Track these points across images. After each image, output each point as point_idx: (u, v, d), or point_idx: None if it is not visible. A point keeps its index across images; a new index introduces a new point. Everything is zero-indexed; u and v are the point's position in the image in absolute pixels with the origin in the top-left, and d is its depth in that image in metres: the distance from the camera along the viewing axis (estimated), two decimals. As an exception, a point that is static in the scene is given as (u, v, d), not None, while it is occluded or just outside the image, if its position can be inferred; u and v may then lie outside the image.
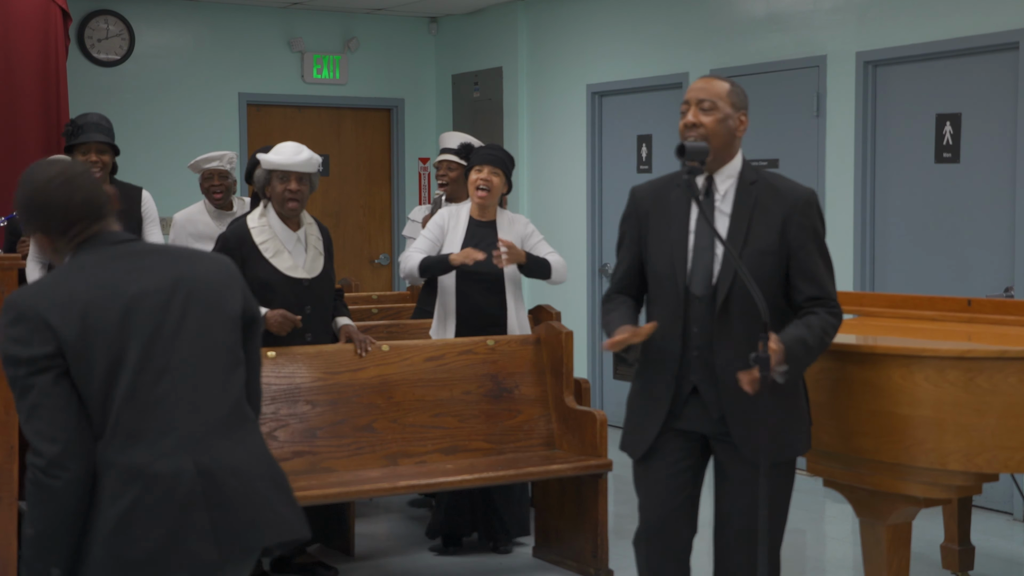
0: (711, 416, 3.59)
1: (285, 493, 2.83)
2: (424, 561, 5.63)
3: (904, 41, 6.86)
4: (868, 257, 7.11)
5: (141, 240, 2.91)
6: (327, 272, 5.27)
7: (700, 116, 3.58)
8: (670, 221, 3.63)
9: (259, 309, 2.92)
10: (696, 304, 3.57)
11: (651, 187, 3.75)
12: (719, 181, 3.62)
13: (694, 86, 3.66)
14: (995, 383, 3.80)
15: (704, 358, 3.57)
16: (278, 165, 5.07)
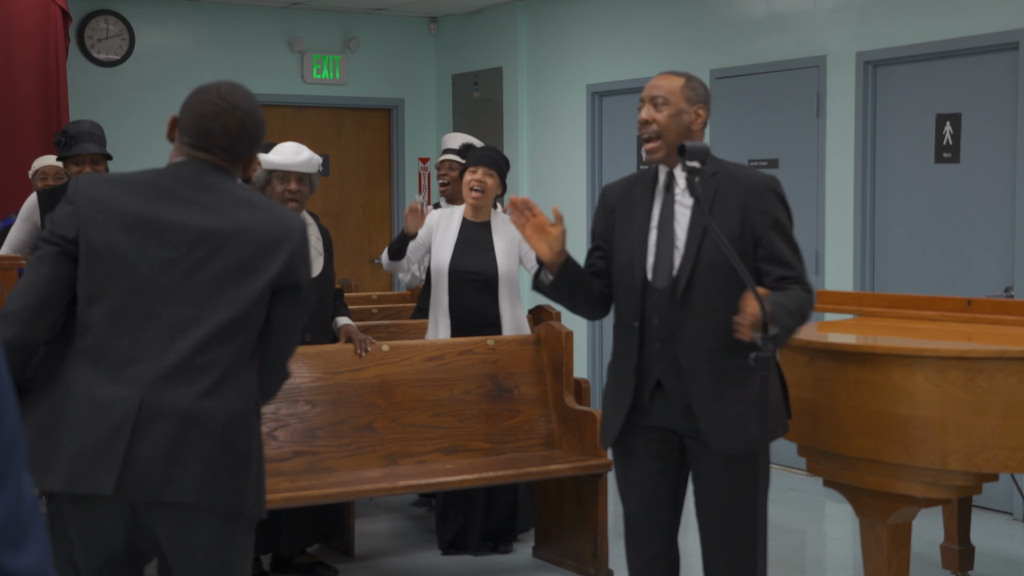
0: (675, 409, 3.58)
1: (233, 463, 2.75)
2: (424, 561, 5.63)
3: (904, 41, 6.86)
4: (868, 257, 7.11)
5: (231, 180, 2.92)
6: (327, 272, 5.28)
7: (653, 112, 3.62)
8: (632, 215, 3.66)
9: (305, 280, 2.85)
10: (656, 296, 3.57)
11: (620, 184, 3.80)
12: (678, 176, 3.63)
13: (649, 83, 3.70)
14: (995, 383, 3.80)
15: (667, 350, 3.56)
16: (278, 165, 5.07)
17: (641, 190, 3.69)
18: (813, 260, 7.38)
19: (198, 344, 2.73)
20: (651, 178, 3.68)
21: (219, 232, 2.78)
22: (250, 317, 2.78)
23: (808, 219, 7.43)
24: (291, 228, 2.83)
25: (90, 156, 5.74)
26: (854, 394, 3.98)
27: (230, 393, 2.75)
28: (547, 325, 5.67)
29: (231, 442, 2.74)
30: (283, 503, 4.70)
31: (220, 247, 2.78)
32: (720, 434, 3.51)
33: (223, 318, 2.75)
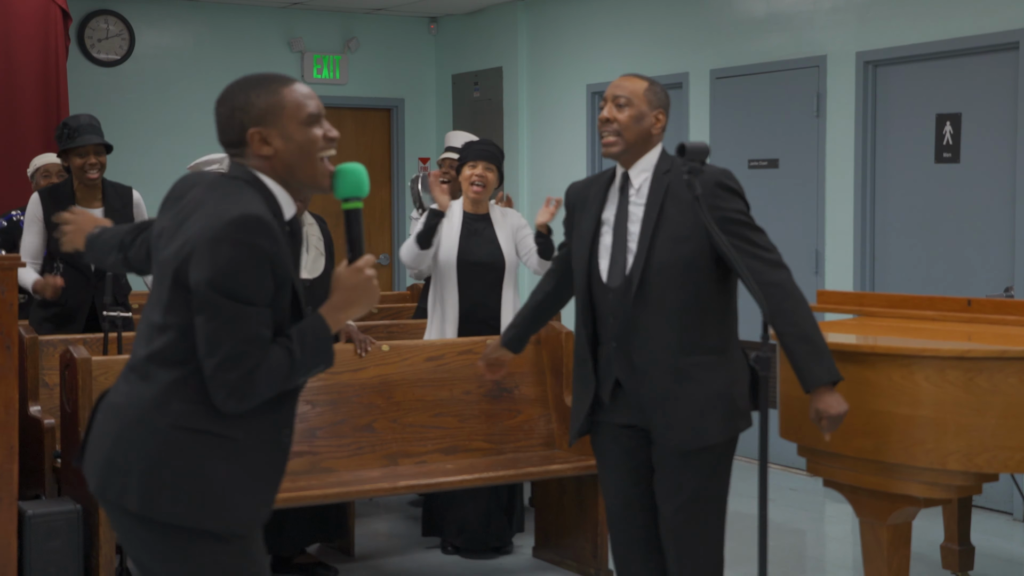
0: (636, 406, 3.64)
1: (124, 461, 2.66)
2: (424, 561, 5.63)
3: (904, 41, 6.86)
4: (868, 257, 7.11)
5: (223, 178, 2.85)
6: (328, 272, 5.27)
7: (615, 112, 3.67)
8: (589, 215, 3.74)
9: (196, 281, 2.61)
10: (611, 296, 3.63)
11: (581, 183, 3.90)
12: (634, 176, 3.70)
13: (613, 83, 3.74)
14: (995, 383, 3.80)
15: (622, 349, 3.62)
16: None
17: (596, 190, 3.77)
18: (813, 260, 7.38)
19: (136, 343, 2.76)
20: (607, 178, 3.78)
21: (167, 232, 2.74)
22: (166, 321, 2.66)
23: (808, 219, 7.43)
24: (207, 225, 2.62)
25: (93, 147, 5.78)
26: (854, 394, 3.97)
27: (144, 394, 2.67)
28: (547, 325, 5.67)
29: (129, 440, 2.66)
30: (283, 503, 4.69)
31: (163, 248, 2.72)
32: (673, 430, 3.58)
33: (147, 320, 2.74)
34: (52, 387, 5.25)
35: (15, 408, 4.10)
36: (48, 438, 4.95)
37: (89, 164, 5.77)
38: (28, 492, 4.95)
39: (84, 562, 4.48)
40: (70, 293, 5.76)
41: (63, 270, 5.80)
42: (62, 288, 5.65)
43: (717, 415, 3.60)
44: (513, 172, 9.68)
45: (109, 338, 5.23)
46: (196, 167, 6.44)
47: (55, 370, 5.20)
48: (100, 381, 4.75)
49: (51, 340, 5.39)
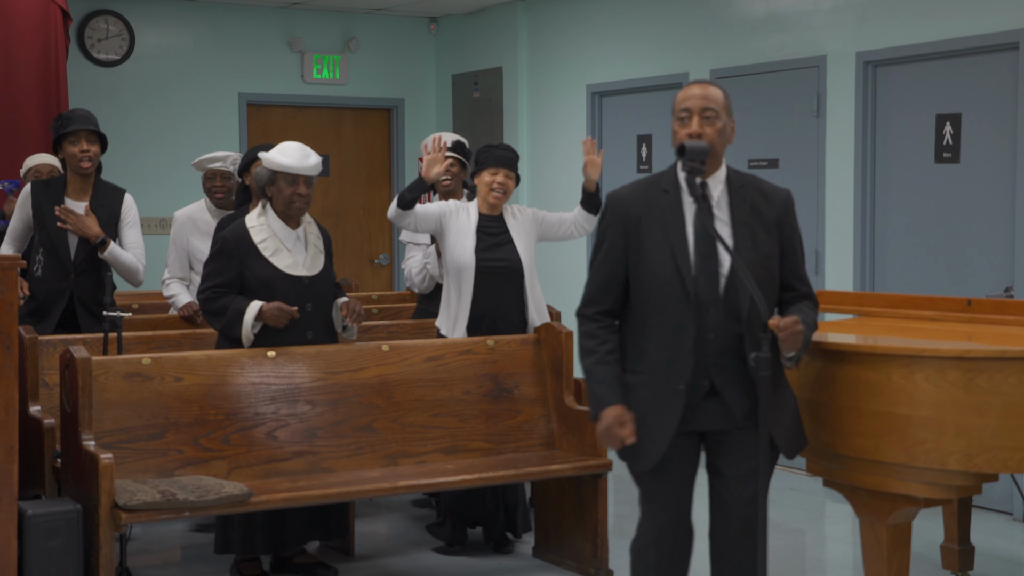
0: (733, 416, 3.64)
1: None
2: (424, 561, 5.63)
3: (904, 41, 6.86)
4: (868, 257, 7.11)
5: None
6: (327, 270, 5.27)
7: (703, 125, 3.60)
8: (667, 226, 3.62)
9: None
10: (710, 309, 3.58)
11: (634, 192, 3.71)
12: (712, 186, 3.65)
13: (692, 92, 3.64)
14: (995, 383, 3.80)
15: (726, 361, 3.60)
16: (288, 168, 5.05)
17: (668, 200, 3.65)
18: (813, 260, 7.38)
19: None
20: (673, 186, 3.64)
21: None
22: None
23: (808, 219, 7.43)
24: None
25: (86, 134, 5.81)
26: (854, 394, 3.97)
27: None
28: (547, 325, 5.67)
29: None
30: (283, 503, 4.70)
31: None
32: (783, 437, 3.67)
33: None
34: (52, 387, 5.25)
35: (15, 408, 4.09)
36: (48, 438, 4.95)
37: (82, 151, 5.80)
38: (28, 492, 4.95)
39: (84, 562, 4.48)
40: (48, 285, 5.82)
41: (44, 262, 5.83)
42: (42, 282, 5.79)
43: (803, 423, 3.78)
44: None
45: (109, 338, 5.24)
46: (200, 164, 6.45)
47: (55, 370, 5.20)
48: (100, 381, 4.76)
49: (51, 340, 5.39)
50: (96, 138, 5.84)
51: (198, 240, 6.26)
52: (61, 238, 5.80)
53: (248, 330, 5.03)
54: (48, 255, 5.83)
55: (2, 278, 4.03)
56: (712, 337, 3.59)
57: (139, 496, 4.39)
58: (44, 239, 5.85)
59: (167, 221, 9.06)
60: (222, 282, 5.06)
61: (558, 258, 9.20)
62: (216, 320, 5.11)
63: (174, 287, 6.32)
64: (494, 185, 5.61)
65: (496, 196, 5.62)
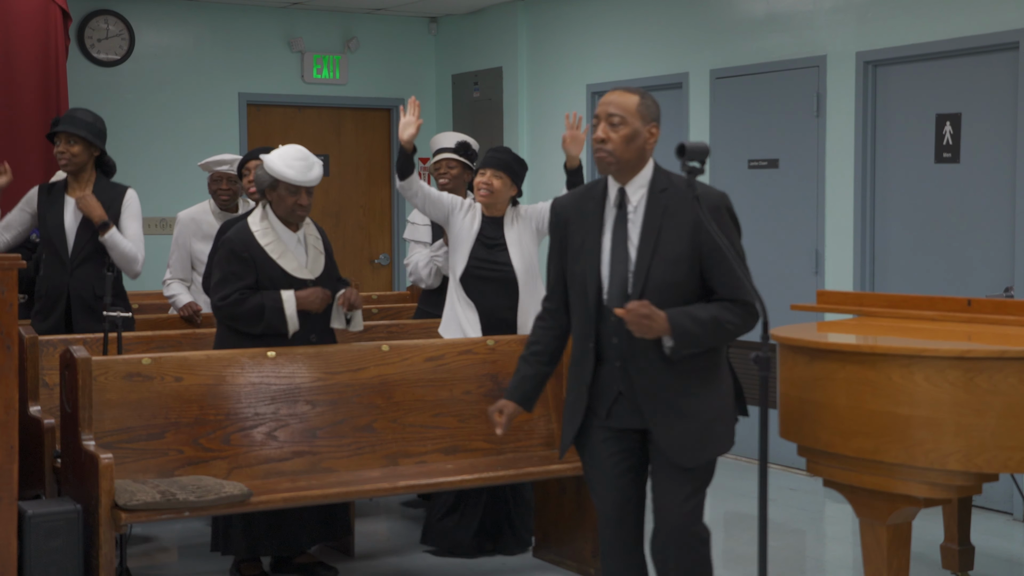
0: (641, 416, 3.68)
1: None
2: (424, 561, 5.63)
3: (904, 41, 6.86)
4: (868, 257, 7.11)
5: None
6: (328, 271, 5.27)
7: (608, 131, 3.65)
8: (585, 232, 3.72)
9: None
10: (613, 316, 3.63)
11: (570, 198, 3.84)
12: (630, 192, 3.69)
13: (604, 99, 3.71)
14: (995, 383, 3.80)
15: (626, 368, 3.66)
16: (292, 180, 5.04)
17: (592, 206, 3.73)
18: (813, 260, 7.38)
19: None
20: (600, 193, 3.74)
21: None
22: None
23: (808, 219, 7.43)
24: None
25: (64, 136, 5.84)
26: (854, 394, 3.98)
27: None
28: (547, 325, 5.66)
29: None
30: (283, 503, 4.70)
31: None
32: (681, 449, 3.64)
33: None
34: (52, 387, 5.25)
35: (15, 408, 4.09)
36: (48, 438, 4.95)
37: (59, 152, 5.85)
38: (28, 492, 4.95)
39: (84, 562, 4.47)
40: (49, 282, 5.87)
41: (45, 259, 5.88)
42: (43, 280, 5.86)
43: (719, 430, 3.68)
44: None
45: (109, 338, 5.24)
46: (207, 166, 6.45)
47: (55, 370, 5.20)
48: (100, 381, 4.76)
49: (51, 340, 5.39)
50: (77, 139, 5.83)
51: (200, 242, 6.26)
52: (60, 233, 5.82)
53: (295, 323, 5.07)
54: (48, 251, 5.87)
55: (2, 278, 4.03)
56: (616, 342, 3.65)
57: (139, 496, 4.38)
58: (44, 236, 5.89)
59: (167, 221, 9.06)
60: (246, 285, 5.05)
61: (558, 258, 9.20)
62: (254, 322, 5.08)
63: (175, 287, 6.32)
64: (480, 185, 5.64)
65: (480, 195, 5.64)
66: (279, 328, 5.07)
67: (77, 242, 5.83)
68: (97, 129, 5.91)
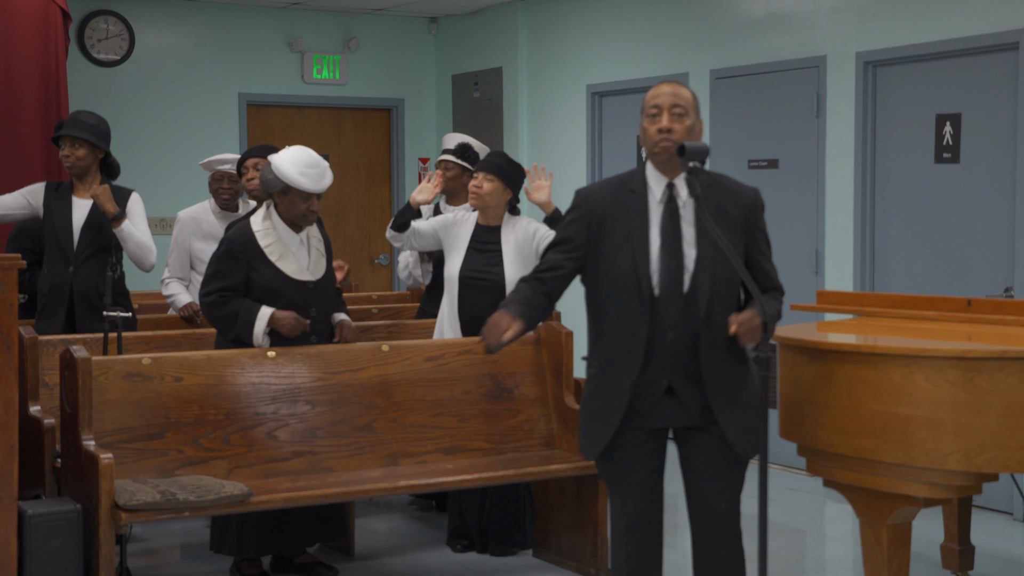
0: (689, 413, 3.69)
1: None
2: (424, 561, 5.63)
3: (904, 41, 6.86)
4: (868, 257, 7.11)
5: None
6: (329, 273, 5.27)
7: (674, 122, 3.66)
8: (631, 226, 3.68)
9: None
10: (670, 309, 3.63)
11: (601, 190, 3.79)
12: (679, 186, 3.70)
13: (662, 91, 3.71)
14: (995, 383, 3.80)
15: (681, 361, 3.65)
16: (307, 189, 5.02)
17: (634, 201, 3.71)
18: (813, 260, 7.38)
19: None
20: (640, 186, 3.72)
21: None
22: None
23: (808, 219, 7.43)
24: None
25: (68, 139, 5.87)
26: (854, 394, 3.98)
27: None
28: (547, 325, 5.67)
29: None
30: (283, 503, 4.70)
31: None
32: (739, 438, 3.68)
33: None
34: (52, 387, 5.25)
35: (15, 408, 4.09)
36: (48, 438, 4.95)
37: (63, 155, 5.91)
38: (28, 492, 4.95)
39: (84, 562, 4.47)
40: (52, 279, 5.89)
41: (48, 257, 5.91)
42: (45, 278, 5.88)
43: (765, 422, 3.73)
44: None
45: (109, 338, 5.24)
46: (208, 165, 6.45)
47: (55, 370, 5.20)
48: (100, 381, 4.76)
49: (51, 340, 5.40)
50: (82, 142, 5.86)
51: (200, 241, 6.27)
52: (65, 230, 5.86)
53: (260, 340, 5.04)
54: (52, 249, 5.90)
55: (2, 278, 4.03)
56: (671, 336, 3.64)
57: (139, 496, 4.38)
58: (49, 233, 5.91)
59: (167, 221, 9.05)
60: (227, 285, 5.05)
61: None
62: (226, 328, 5.08)
63: (174, 286, 6.33)
64: (471, 187, 5.67)
65: (471, 198, 5.67)
66: (246, 340, 5.06)
67: (82, 241, 5.86)
68: (101, 131, 5.93)
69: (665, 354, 3.65)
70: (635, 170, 3.78)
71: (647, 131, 3.69)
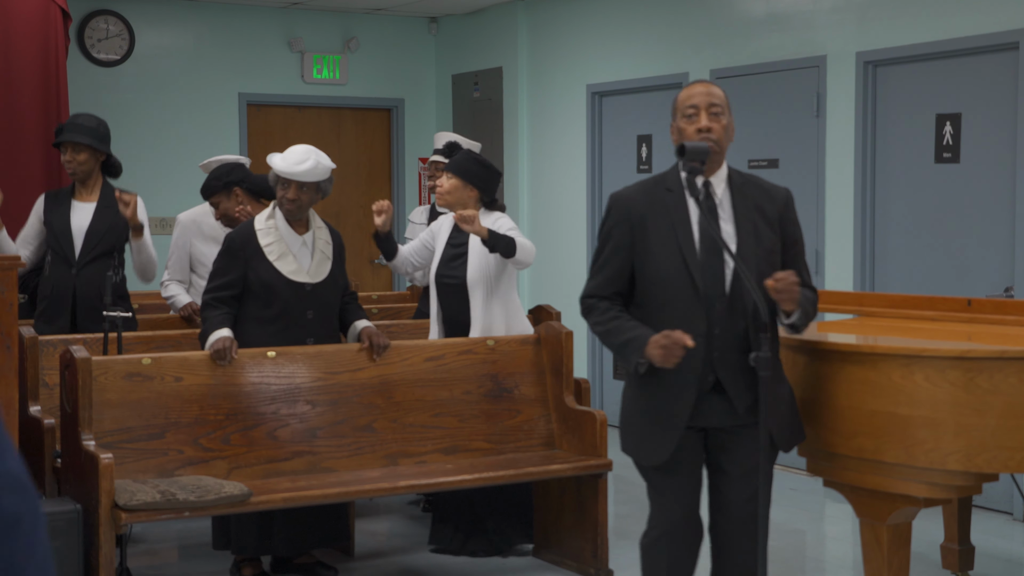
0: (735, 410, 3.68)
1: None
2: (424, 561, 5.63)
3: (904, 41, 6.86)
4: (868, 257, 7.11)
5: None
6: (334, 276, 5.24)
7: (712, 122, 3.66)
8: (673, 224, 3.67)
9: None
10: (716, 304, 3.63)
11: (637, 192, 3.77)
12: (715, 184, 3.70)
13: (697, 90, 3.70)
14: (995, 383, 3.80)
15: (729, 357, 3.64)
16: (279, 172, 5.06)
17: (673, 199, 3.70)
18: (813, 260, 7.38)
19: None
20: (676, 185, 3.69)
21: None
22: None
23: (808, 219, 7.42)
24: None
25: (71, 145, 5.89)
26: (854, 394, 3.98)
27: None
28: (547, 325, 5.67)
29: None
30: (283, 503, 4.70)
31: None
32: (780, 432, 3.71)
33: None
34: (52, 387, 5.25)
35: (15, 408, 4.10)
36: (48, 438, 4.96)
37: (66, 161, 5.93)
38: (28, 492, 4.94)
39: (84, 562, 4.48)
40: (54, 282, 5.90)
41: (51, 261, 5.92)
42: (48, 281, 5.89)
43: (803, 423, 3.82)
44: (513, 172, 9.68)
45: (109, 338, 5.24)
46: (208, 166, 6.46)
47: (55, 370, 5.20)
48: (100, 381, 4.76)
49: (51, 340, 5.40)
50: (83, 147, 5.88)
51: (201, 243, 6.27)
52: (66, 236, 5.87)
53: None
54: (54, 253, 5.90)
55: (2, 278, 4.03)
56: (717, 332, 3.64)
57: (139, 496, 4.39)
58: (51, 238, 5.92)
59: (167, 221, 9.05)
60: (224, 283, 5.06)
61: (558, 258, 9.20)
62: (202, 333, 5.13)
63: (173, 288, 6.33)
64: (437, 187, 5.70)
65: (436, 198, 5.70)
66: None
67: (85, 245, 5.87)
68: (101, 134, 5.93)
69: (713, 350, 3.63)
70: (669, 171, 3.77)
71: (684, 131, 3.67)
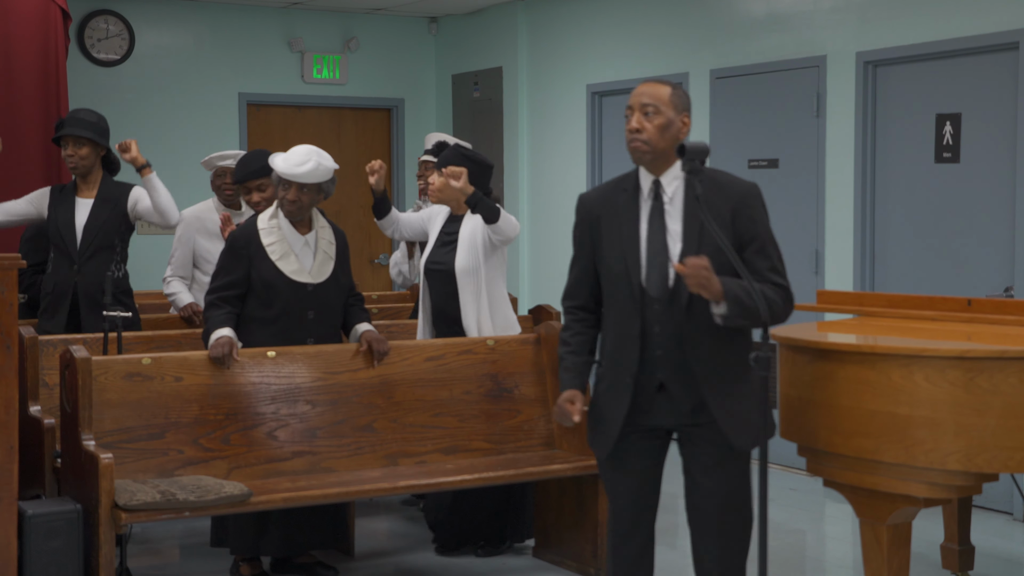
0: (680, 409, 3.69)
1: None
2: (424, 561, 5.63)
3: (904, 41, 6.86)
4: (868, 257, 7.11)
5: None
6: (336, 277, 5.23)
7: (644, 121, 3.66)
8: (621, 224, 3.71)
9: None
10: (656, 305, 3.64)
11: (598, 193, 3.84)
12: (665, 183, 3.70)
13: (637, 91, 3.72)
14: (995, 383, 3.80)
15: (670, 356, 3.65)
16: (279, 172, 5.06)
17: (625, 199, 3.74)
18: (813, 260, 7.38)
19: None
20: (632, 186, 3.75)
21: None
22: None
23: (808, 219, 7.43)
24: None
25: (72, 139, 5.90)
26: (854, 394, 3.98)
27: None
28: (547, 325, 5.67)
29: None
30: (283, 503, 4.70)
31: None
32: (737, 431, 3.65)
33: None
34: (52, 387, 5.25)
35: (15, 408, 4.09)
36: (48, 438, 4.95)
37: (67, 155, 5.95)
38: (28, 492, 4.95)
39: (84, 562, 4.47)
40: (55, 278, 5.92)
41: (53, 257, 5.94)
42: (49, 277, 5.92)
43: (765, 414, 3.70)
44: (513, 172, 9.68)
45: (109, 338, 5.24)
46: (209, 162, 6.46)
47: (55, 370, 5.20)
48: (100, 381, 4.76)
49: (51, 340, 5.40)
50: (85, 141, 5.90)
51: (205, 240, 6.26)
52: (68, 229, 5.89)
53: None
54: (56, 248, 5.92)
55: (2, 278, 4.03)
56: (657, 331, 3.65)
57: (139, 496, 4.38)
58: (54, 234, 5.93)
59: (167, 221, 9.05)
60: (228, 282, 5.06)
61: (558, 258, 9.20)
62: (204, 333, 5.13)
63: (175, 285, 6.32)
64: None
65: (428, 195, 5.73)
66: None
67: (84, 240, 5.89)
68: (102, 129, 5.96)
69: (654, 349, 3.66)
70: (631, 171, 3.80)
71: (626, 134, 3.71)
